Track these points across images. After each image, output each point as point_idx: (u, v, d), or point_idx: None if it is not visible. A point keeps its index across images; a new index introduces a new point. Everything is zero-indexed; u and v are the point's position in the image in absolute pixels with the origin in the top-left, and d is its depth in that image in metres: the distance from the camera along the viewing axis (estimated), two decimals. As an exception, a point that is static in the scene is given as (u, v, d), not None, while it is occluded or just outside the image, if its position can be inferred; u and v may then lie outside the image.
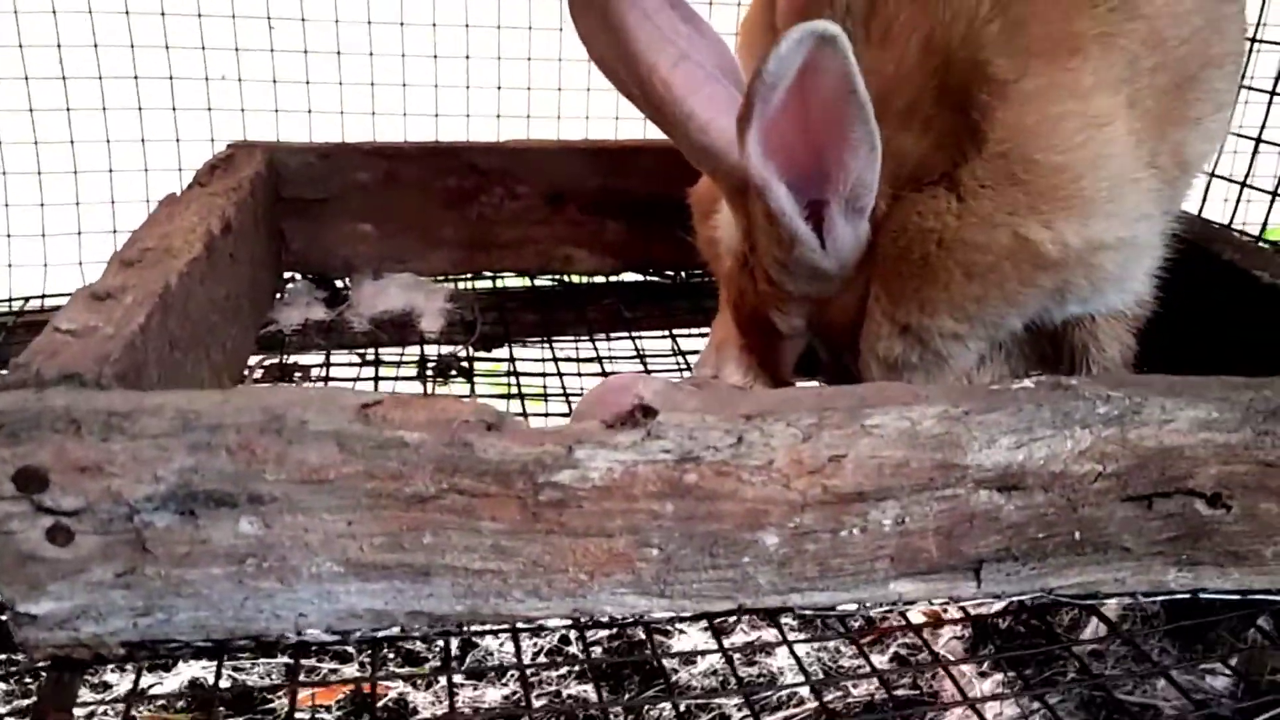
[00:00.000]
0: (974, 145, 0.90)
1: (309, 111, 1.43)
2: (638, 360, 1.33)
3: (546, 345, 1.36)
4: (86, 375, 0.73)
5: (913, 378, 0.98)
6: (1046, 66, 0.89)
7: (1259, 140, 1.27)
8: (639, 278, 1.50)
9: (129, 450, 0.67)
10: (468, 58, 1.44)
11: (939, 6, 0.90)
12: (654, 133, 1.00)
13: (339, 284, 1.43)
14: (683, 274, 1.50)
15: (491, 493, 0.72)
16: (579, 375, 1.28)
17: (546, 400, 1.22)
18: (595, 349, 1.35)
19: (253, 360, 1.23)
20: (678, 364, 1.32)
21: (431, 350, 1.33)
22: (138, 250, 0.97)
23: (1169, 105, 0.93)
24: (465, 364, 1.30)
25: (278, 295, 1.38)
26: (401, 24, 1.41)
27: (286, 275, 1.42)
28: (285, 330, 1.31)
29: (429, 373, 1.30)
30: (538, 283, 1.50)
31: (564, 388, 1.25)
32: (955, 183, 0.91)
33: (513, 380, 1.24)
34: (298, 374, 1.21)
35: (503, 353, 1.33)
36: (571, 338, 1.39)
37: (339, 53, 1.41)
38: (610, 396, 1.00)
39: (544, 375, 1.27)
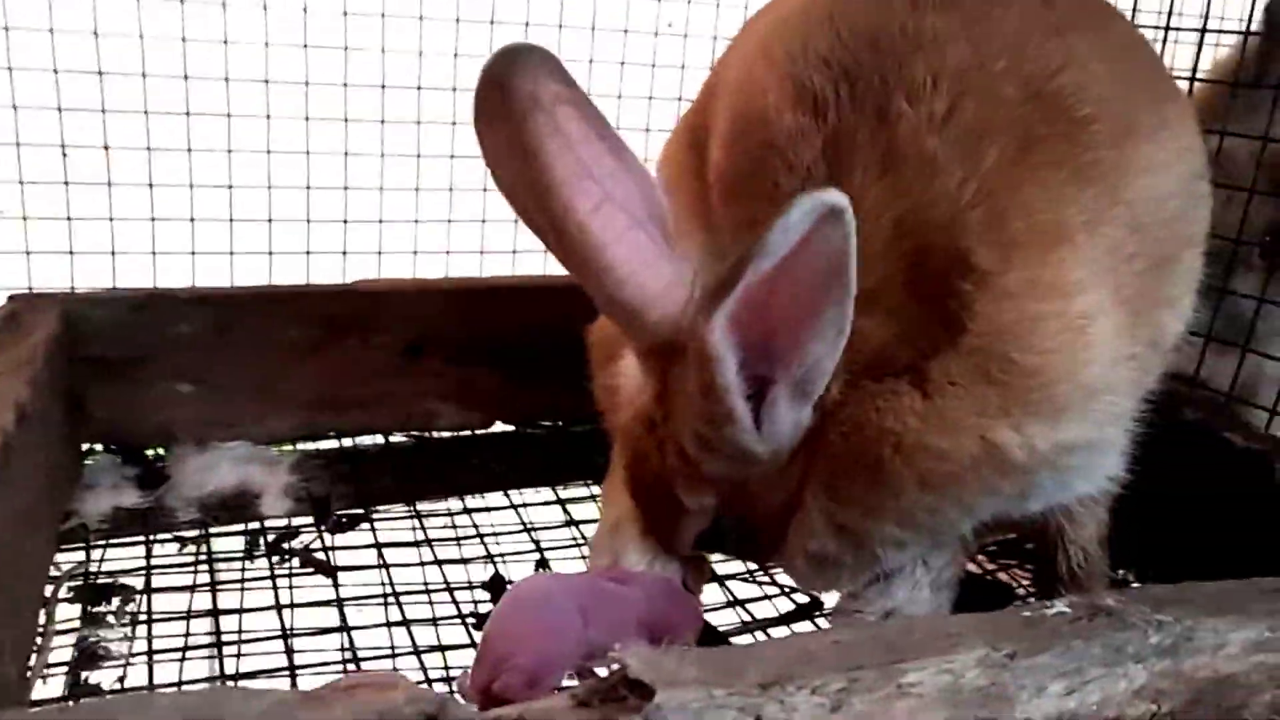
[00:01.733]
0: (948, 338, 0.81)
1: (113, 253, 1.20)
2: (526, 535, 1.15)
3: (414, 518, 1.16)
4: None
5: (840, 575, 0.90)
6: (1031, 259, 0.80)
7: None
8: (509, 428, 1.34)
9: None
10: (308, 189, 1.24)
11: (915, 187, 0.81)
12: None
13: (153, 456, 1.20)
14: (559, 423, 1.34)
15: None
16: (461, 562, 1.09)
17: (431, 603, 1.02)
18: (474, 523, 1.16)
19: (58, 570, 0.98)
20: (573, 538, 1.15)
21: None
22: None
23: (1148, 289, 0.87)
24: (319, 552, 1.09)
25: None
26: (230, 151, 1.21)
27: (86, 447, 1.18)
28: (90, 523, 1.07)
29: (260, 550, 1.09)
30: (394, 439, 1.30)
31: (446, 580, 1.06)
32: (922, 377, 0.82)
33: (384, 578, 1.04)
34: (115, 598, 0.97)
35: (363, 535, 1.13)
36: (441, 504, 1.20)
37: (150, 185, 1.19)
38: (521, 616, 0.84)
39: (420, 565, 1.07)
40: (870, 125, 0.83)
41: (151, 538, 1.07)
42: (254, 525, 1.13)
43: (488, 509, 1.19)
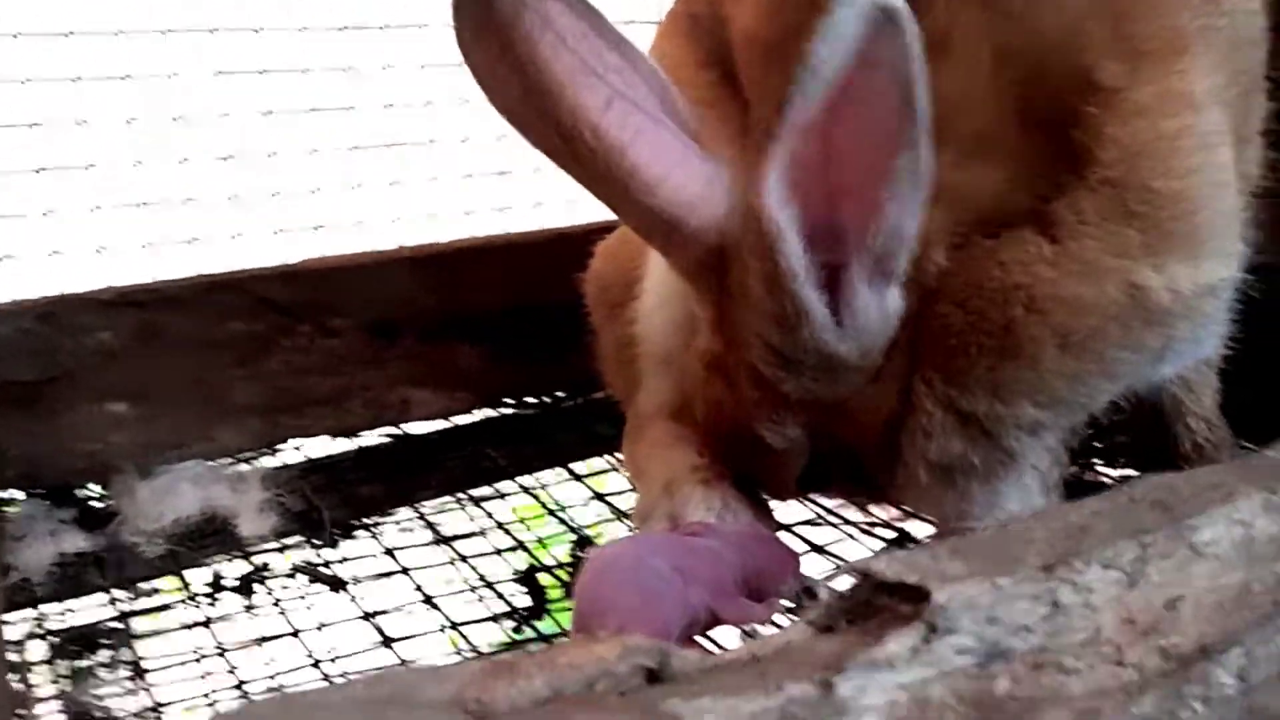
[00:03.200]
0: (1073, 172, 0.71)
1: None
2: (559, 520, 0.99)
3: (420, 518, 0.99)
4: None
5: (969, 484, 0.77)
6: (1158, 69, 0.71)
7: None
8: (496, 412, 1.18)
9: None
10: (228, 157, 1.06)
11: (1015, 4, 0.71)
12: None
13: (86, 495, 0.99)
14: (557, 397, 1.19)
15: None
16: (495, 554, 0.93)
17: (482, 599, 0.86)
18: (489, 513, 1.00)
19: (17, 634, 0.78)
20: (606, 514, 1.00)
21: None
22: None
23: (1242, 118, 0.80)
24: (322, 567, 0.91)
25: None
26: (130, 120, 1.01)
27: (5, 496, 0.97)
28: (34, 579, 0.87)
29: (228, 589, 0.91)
30: (365, 441, 1.13)
31: (482, 577, 0.89)
32: (1048, 222, 0.72)
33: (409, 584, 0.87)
34: (101, 648, 0.77)
35: (366, 544, 0.96)
36: (436, 505, 1.03)
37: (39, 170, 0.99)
38: (616, 585, 0.70)
39: (450, 563, 0.91)
40: None
41: (112, 580, 0.87)
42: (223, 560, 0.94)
43: (501, 495, 1.03)
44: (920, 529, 0.94)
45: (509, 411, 1.17)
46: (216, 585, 0.91)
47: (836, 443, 0.81)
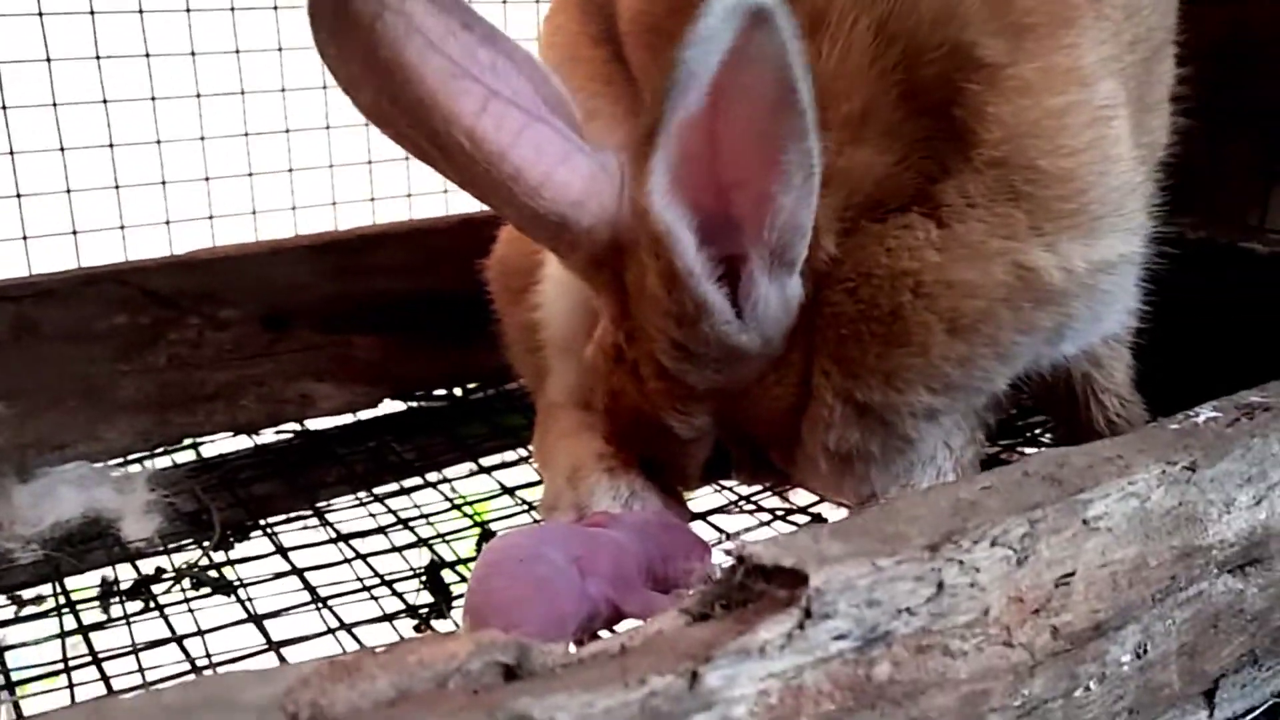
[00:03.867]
0: (959, 153, 0.69)
1: None
2: (458, 512, 0.96)
3: (315, 515, 0.95)
4: None
5: (868, 470, 0.76)
6: (1043, 44, 0.69)
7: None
8: (402, 406, 1.14)
9: None
10: (111, 145, 1.01)
11: None
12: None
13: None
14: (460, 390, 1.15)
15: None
16: (393, 550, 0.89)
17: (375, 598, 0.82)
18: (390, 510, 0.96)
19: None
20: (516, 505, 0.97)
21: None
22: None
23: (1143, 86, 0.77)
24: (211, 572, 0.86)
25: None
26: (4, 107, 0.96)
27: None
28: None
29: (119, 596, 0.86)
30: (263, 439, 1.08)
31: (379, 575, 0.85)
32: (934, 204, 0.69)
33: (299, 584, 0.83)
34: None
35: (259, 544, 0.91)
36: (342, 503, 0.99)
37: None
38: (510, 578, 0.67)
39: (345, 562, 0.87)
40: None
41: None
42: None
43: (403, 491, 0.99)
44: (838, 514, 0.91)
45: (414, 405, 1.13)
46: (105, 594, 0.86)
47: (740, 431, 0.79)
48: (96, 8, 0.97)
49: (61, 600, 0.83)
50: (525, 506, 0.96)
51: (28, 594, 0.87)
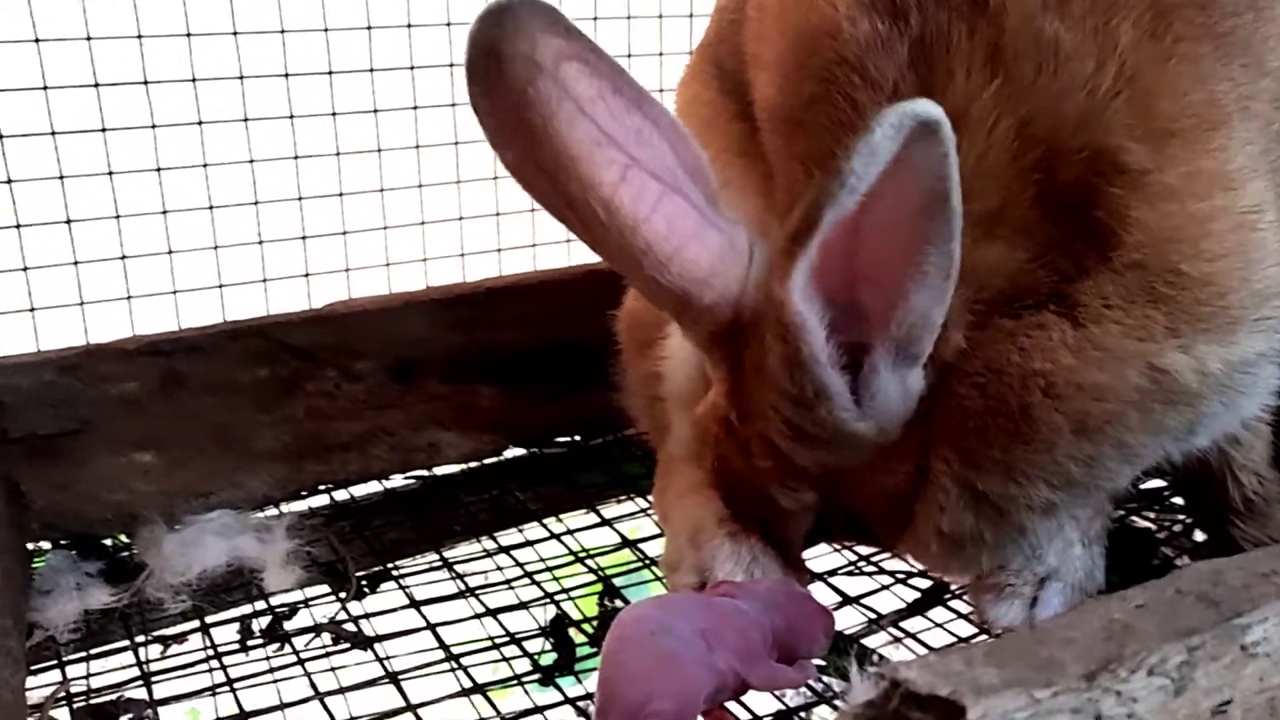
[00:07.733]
0: (1097, 254, 0.69)
1: (31, 310, 0.99)
2: (581, 565, 0.98)
3: (444, 568, 0.98)
4: None
5: (979, 554, 0.77)
6: (1188, 150, 0.68)
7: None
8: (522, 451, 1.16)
9: None
10: (256, 202, 1.05)
11: (1037, 83, 0.68)
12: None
13: (114, 545, 0.99)
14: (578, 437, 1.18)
15: None
16: (520, 607, 0.91)
17: (506, 659, 0.84)
18: (517, 562, 0.98)
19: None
20: (638, 559, 0.98)
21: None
22: None
23: None
24: (347, 624, 0.90)
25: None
26: (159, 169, 1.01)
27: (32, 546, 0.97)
28: (59, 636, 0.86)
29: (257, 637, 0.89)
30: (391, 484, 1.12)
31: (508, 632, 0.88)
32: (1071, 304, 0.70)
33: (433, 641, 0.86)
34: (123, 717, 0.77)
35: (391, 596, 0.94)
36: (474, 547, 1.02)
37: (69, 220, 0.98)
38: (641, 652, 0.68)
39: (475, 618, 0.89)
40: (966, 19, 0.69)
41: (138, 640, 0.87)
42: (247, 609, 0.93)
43: (528, 543, 1.01)
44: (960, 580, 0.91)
45: (535, 451, 1.16)
46: (245, 638, 0.90)
47: (845, 506, 0.80)
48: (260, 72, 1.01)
49: (209, 652, 0.87)
50: (645, 561, 0.98)
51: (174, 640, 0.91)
